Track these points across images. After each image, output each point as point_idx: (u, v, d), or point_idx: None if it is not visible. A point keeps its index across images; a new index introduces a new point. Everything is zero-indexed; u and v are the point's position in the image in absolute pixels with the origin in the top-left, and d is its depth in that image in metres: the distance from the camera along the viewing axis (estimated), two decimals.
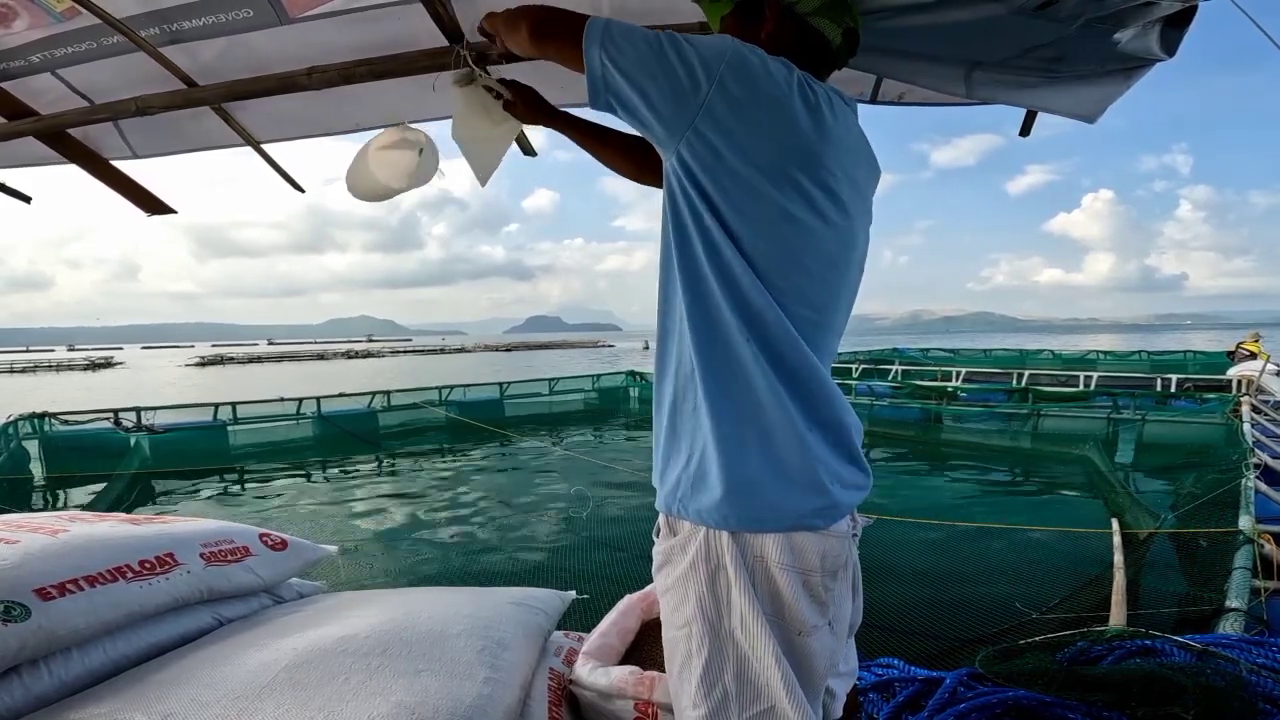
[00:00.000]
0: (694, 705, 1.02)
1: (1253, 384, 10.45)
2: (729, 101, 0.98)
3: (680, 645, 1.06)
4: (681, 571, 1.05)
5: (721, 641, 1.02)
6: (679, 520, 1.08)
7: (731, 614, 1.02)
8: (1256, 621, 2.44)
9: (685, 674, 1.04)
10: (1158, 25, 1.32)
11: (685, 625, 1.04)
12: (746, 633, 1.01)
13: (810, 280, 1.04)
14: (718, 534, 1.03)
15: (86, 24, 2.01)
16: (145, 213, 2.93)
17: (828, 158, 1.03)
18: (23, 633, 1.08)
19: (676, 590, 1.06)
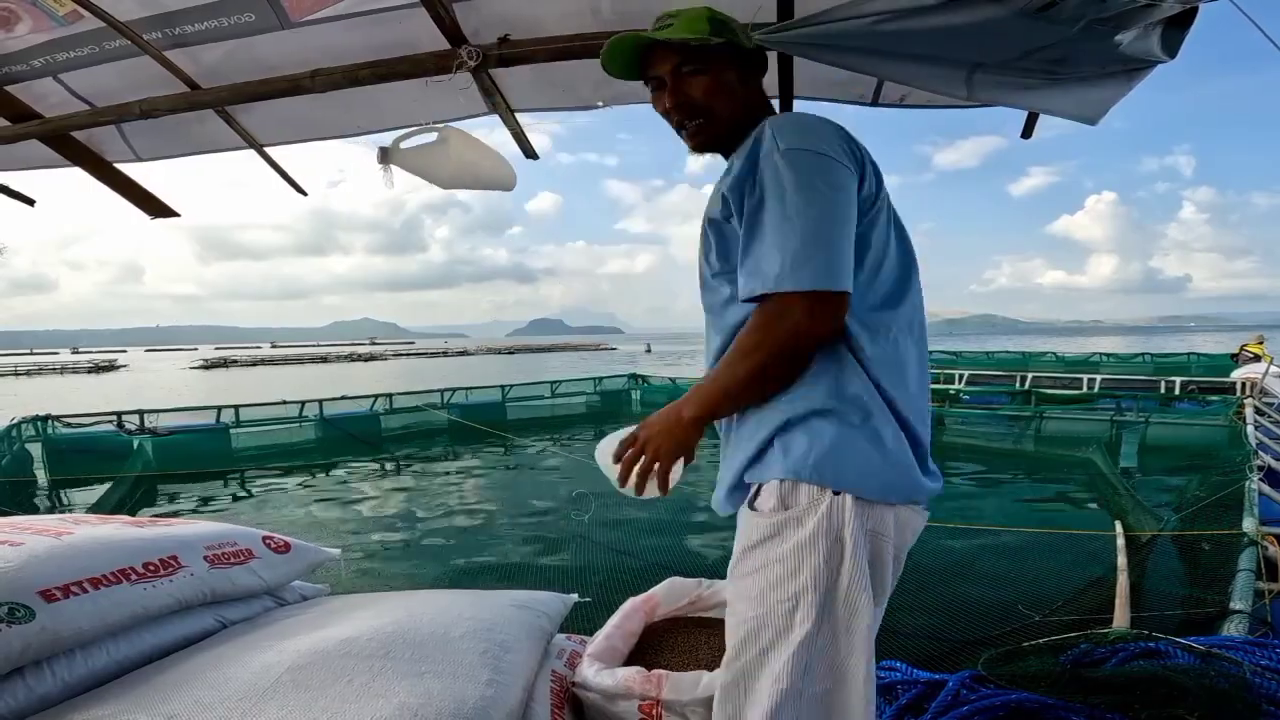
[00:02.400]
0: (777, 679, 1.04)
1: (1256, 386, 10.41)
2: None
3: (775, 619, 1.06)
4: (797, 542, 1.07)
5: (825, 614, 1.06)
6: (797, 489, 1.09)
7: (839, 586, 1.06)
8: (1260, 624, 2.43)
9: (778, 648, 1.06)
10: (1159, 27, 1.32)
11: (791, 598, 1.06)
12: (849, 607, 1.06)
13: None
14: (842, 502, 1.07)
15: (89, 28, 2.02)
16: (148, 215, 2.94)
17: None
18: (27, 634, 1.09)
19: (786, 562, 1.07)
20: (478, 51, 1.93)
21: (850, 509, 1.06)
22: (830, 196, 1.07)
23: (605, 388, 14.66)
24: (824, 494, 1.07)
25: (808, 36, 1.53)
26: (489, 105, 2.28)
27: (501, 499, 7.18)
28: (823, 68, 1.90)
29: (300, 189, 2.81)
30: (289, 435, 10.24)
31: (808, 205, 1.06)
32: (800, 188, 1.07)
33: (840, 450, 1.08)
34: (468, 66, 1.95)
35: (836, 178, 1.09)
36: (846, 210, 1.08)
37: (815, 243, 1.04)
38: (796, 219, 1.05)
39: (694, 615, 1.81)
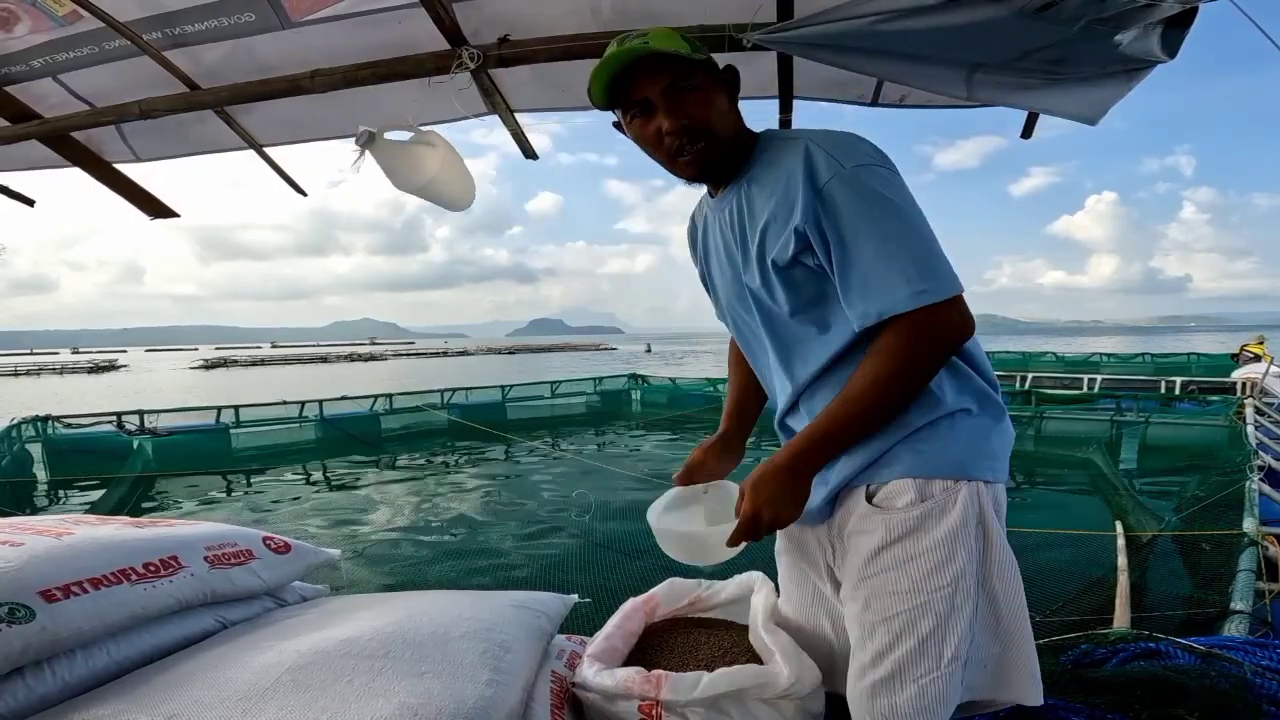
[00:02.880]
0: (951, 660, 1.09)
1: (1256, 386, 10.41)
2: None
3: (936, 606, 1.10)
4: (945, 531, 1.10)
5: (982, 590, 1.13)
6: (931, 483, 1.12)
7: (991, 562, 1.13)
8: (1261, 624, 2.43)
9: (941, 633, 1.09)
10: (1159, 27, 1.32)
11: (950, 583, 1.10)
12: (1003, 579, 1.14)
13: None
14: (977, 486, 1.13)
15: (89, 28, 2.02)
16: (148, 216, 2.94)
17: None
18: (27, 634, 1.08)
19: (938, 550, 1.10)
20: (478, 52, 1.93)
21: (983, 492, 1.13)
22: (913, 204, 1.09)
23: (605, 388, 14.66)
24: (958, 483, 1.12)
25: (807, 36, 1.53)
26: (489, 105, 2.28)
27: (501, 499, 7.18)
28: (822, 68, 1.90)
29: (300, 189, 2.81)
30: (289, 435, 10.25)
31: (905, 217, 1.06)
32: (888, 202, 1.06)
33: (969, 442, 1.14)
34: (467, 67, 1.95)
35: (905, 187, 1.11)
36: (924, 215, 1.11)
37: (929, 251, 1.05)
38: (901, 233, 1.05)
39: (694, 616, 1.81)
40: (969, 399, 1.16)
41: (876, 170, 1.09)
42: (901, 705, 1.10)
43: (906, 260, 1.03)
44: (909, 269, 1.03)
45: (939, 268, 1.04)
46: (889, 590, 1.13)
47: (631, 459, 9.33)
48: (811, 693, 1.37)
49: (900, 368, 1.06)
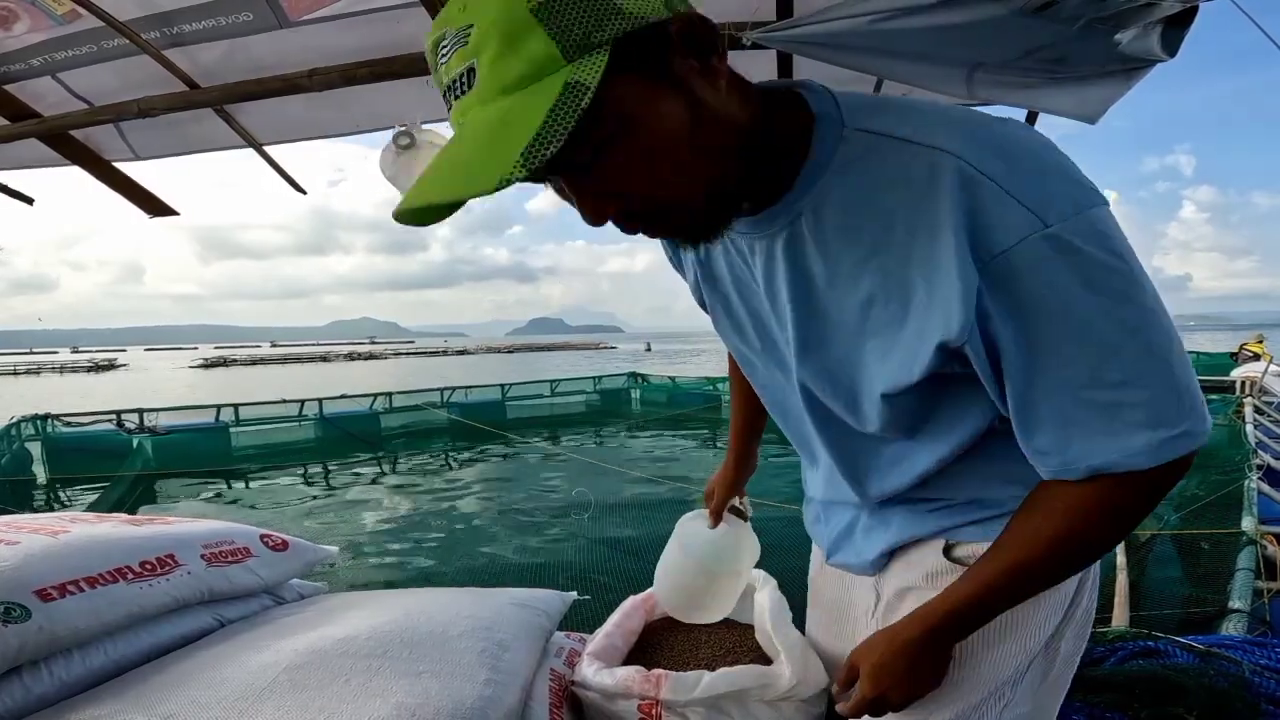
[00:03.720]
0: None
1: (1256, 385, 10.41)
2: None
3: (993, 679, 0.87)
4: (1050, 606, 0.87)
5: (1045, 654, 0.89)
6: None
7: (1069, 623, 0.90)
8: (1259, 623, 2.43)
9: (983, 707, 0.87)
10: (1159, 26, 1.32)
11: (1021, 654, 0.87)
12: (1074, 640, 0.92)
13: None
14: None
15: (88, 27, 2.02)
16: (147, 214, 2.94)
17: None
18: (23, 633, 1.08)
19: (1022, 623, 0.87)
20: None
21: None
22: (1154, 296, 0.65)
23: (605, 386, 14.66)
24: None
25: (807, 35, 1.53)
26: None
27: (501, 497, 7.18)
28: (822, 66, 1.89)
29: (299, 188, 2.81)
30: (288, 434, 10.25)
31: (1151, 313, 0.64)
32: (1121, 284, 0.63)
33: None
34: None
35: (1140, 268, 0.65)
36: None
37: (1189, 378, 0.66)
38: (1151, 344, 0.64)
39: None
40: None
41: (1101, 227, 0.63)
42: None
43: (1157, 390, 0.64)
44: (1157, 404, 0.64)
45: (1191, 412, 0.65)
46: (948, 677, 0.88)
47: (631, 457, 9.33)
48: (815, 695, 1.37)
49: (1104, 531, 0.74)
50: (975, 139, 0.64)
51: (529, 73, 0.55)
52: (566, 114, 0.54)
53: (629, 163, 0.61)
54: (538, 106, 0.54)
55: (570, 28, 0.55)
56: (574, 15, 0.55)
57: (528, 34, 0.55)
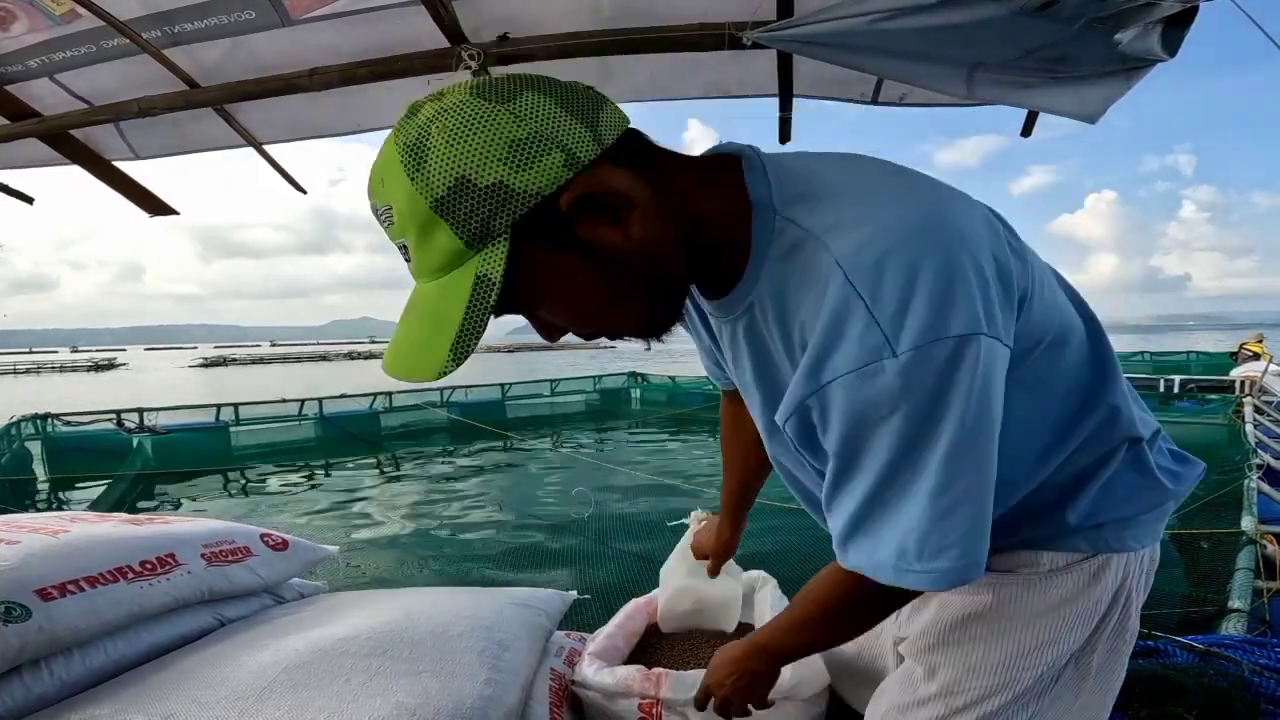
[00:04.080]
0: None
1: (1255, 385, 10.41)
2: None
3: (1014, 687, 0.89)
4: (1072, 606, 0.88)
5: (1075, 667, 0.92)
6: (1070, 552, 0.88)
7: (1099, 637, 0.91)
8: (1259, 622, 2.43)
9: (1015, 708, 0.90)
10: (1159, 25, 1.32)
11: (1044, 665, 0.89)
12: (1107, 655, 0.93)
13: None
14: (1126, 557, 0.88)
15: (87, 27, 2.02)
16: (147, 214, 2.93)
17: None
18: (24, 633, 1.08)
19: (1045, 629, 0.88)
20: (477, 50, 1.93)
21: (1131, 562, 0.89)
22: (980, 432, 0.65)
23: (605, 386, 14.65)
24: (1099, 556, 0.88)
25: (807, 35, 1.53)
26: None
27: (501, 497, 7.17)
28: (822, 66, 1.90)
29: (299, 187, 2.81)
30: (288, 433, 10.24)
31: (940, 461, 0.65)
32: (926, 427, 0.64)
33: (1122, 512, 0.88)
34: (467, 65, 1.94)
35: (994, 377, 0.65)
36: (995, 440, 0.68)
37: (947, 523, 0.67)
38: (920, 482, 0.66)
39: None
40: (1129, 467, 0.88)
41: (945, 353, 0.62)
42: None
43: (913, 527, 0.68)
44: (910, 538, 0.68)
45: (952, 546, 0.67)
46: (967, 663, 0.91)
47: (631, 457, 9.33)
48: (815, 694, 1.37)
49: (840, 617, 0.87)
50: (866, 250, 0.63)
51: (443, 264, 0.62)
52: (481, 309, 0.61)
53: (556, 312, 0.70)
54: (457, 301, 0.62)
55: (469, 220, 0.60)
56: (470, 208, 0.59)
57: (434, 227, 0.61)
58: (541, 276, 0.65)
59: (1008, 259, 0.69)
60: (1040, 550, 0.88)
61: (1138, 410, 0.90)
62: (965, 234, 0.65)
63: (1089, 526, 0.86)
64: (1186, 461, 0.99)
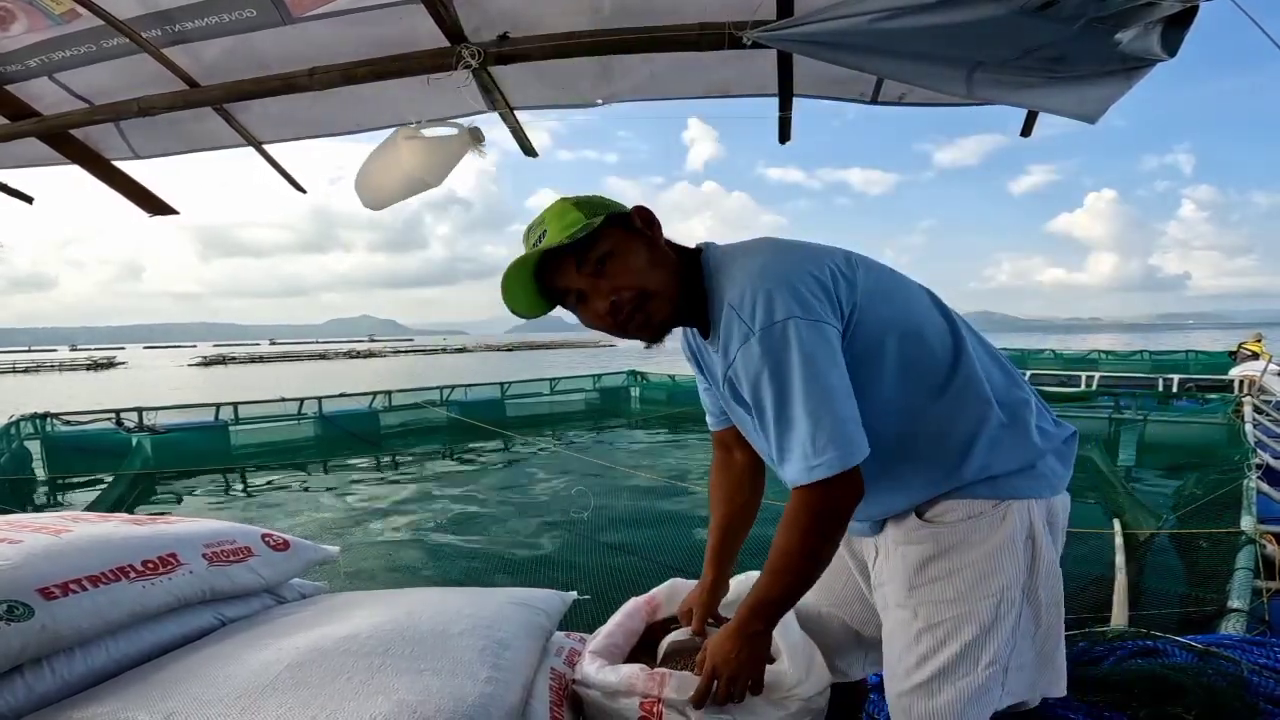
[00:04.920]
0: (989, 664, 1.14)
1: (1255, 384, 10.42)
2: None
3: (979, 615, 1.15)
4: (995, 543, 1.15)
5: (1028, 601, 1.18)
6: (980, 500, 1.17)
7: (1038, 575, 1.18)
8: (1258, 622, 2.43)
9: (984, 640, 1.15)
10: (1159, 25, 1.32)
11: (994, 594, 1.15)
12: (1050, 591, 1.20)
13: None
14: (1028, 504, 1.17)
15: (87, 26, 2.02)
16: (147, 213, 2.93)
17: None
18: (25, 632, 1.08)
19: (985, 562, 1.15)
20: (477, 49, 1.93)
21: (1034, 508, 1.17)
22: (820, 358, 1.05)
23: (604, 384, 14.65)
24: (1006, 502, 1.16)
25: (807, 34, 1.53)
26: (488, 103, 2.28)
27: (501, 496, 7.18)
28: (822, 66, 1.90)
29: (299, 186, 2.81)
30: (288, 433, 10.23)
31: (799, 390, 1.04)
32: (782, 371, 1.05)
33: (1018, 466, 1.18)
34: (467, 64, 1.94)
35: (818, 337, 1.06)
36: (836, 366, 1.06)
37: (819, 427, 1.03)
38: (794, 407, 1.05)
39: None
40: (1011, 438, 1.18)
41: (780, 329, 1.05)
42: (940, 707, 1.15)
43: (801, 437, 1.04)
44: (801, 446, 1.05)
45: (828, 449, 1.03)
46: (936, 599, 1.18)
47: (631, 456, 9.33)
48: (817, 693, 1.38)
49: (800, 542, 1.11)
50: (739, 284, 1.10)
51: (573, 221, 1.12)
52: (586, 227, 1.11)
53: (615, 270, 1.14)
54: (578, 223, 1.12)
55: (591, 211, 1.14)
56: (591, 208, 1.15)
57: (571, 212, 1.14)
58: (613, 242, 1.15)
59: (829, 280, 1.10)
60: (957, 499, 1.17)
61: (1012, 389, 1.22)
62: (785, 272, 1.09)
63: (985, 478, 1.16)
64: (1059, 425, 1.27)
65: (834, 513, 1.10)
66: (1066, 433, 1.27)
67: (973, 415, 1.17)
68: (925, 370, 1.17)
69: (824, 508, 1.09)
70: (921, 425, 1.18)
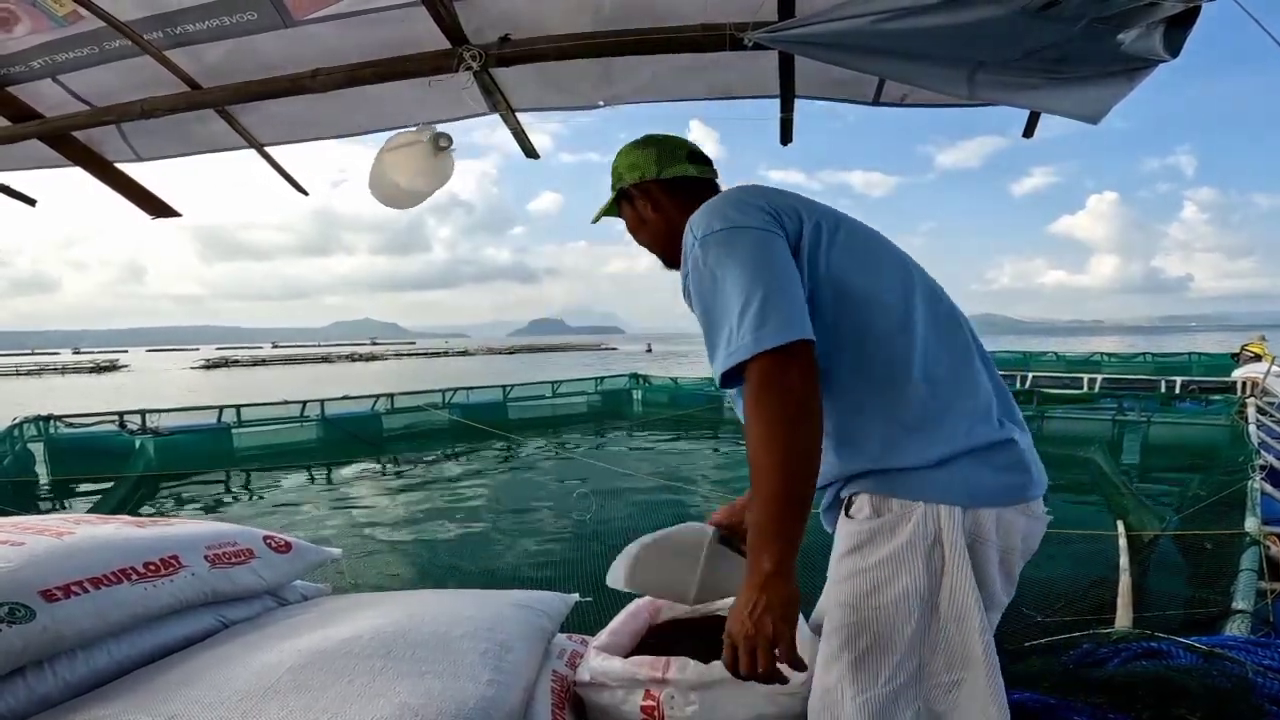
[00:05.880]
0: (888, 680, 1.06)
1: (1258, 386, 10.39)
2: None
3: (872, 626, 1.08)
4: (892, 549, 1.08)
5: (929, 614, 1.07)
6: (889, 499, 1.10)
7: (943, 588, 1.07)
8: (1262, 623, 2.42)
9: (877, 652, 1.07)
10: (1161, 26, 1.32)
11: (888, 605, 1.07)
12: (954, 605, 1.07)
13: None
14: (936, 510, 1.08)
15: (89, 28, 2.02)
16: (149, 215, 2.94)
17: None
18: (27, 634, 1.09)
19: (884, 567, 1.08)
20: (479, 51, 1.93)
21: (944, 515, 1.07)
22: (752, 255, 1.09)
23: (606, 387, 14.65)
24: (915, 504, 1.09)
25: (809, 35, 1.53)
26: (490, 105, 2.28)
27: (503, 498, 7.17)
28: (824, 67, 1.90)
29: (301, 189, 2.81)
30: (290, 435, 10.24)
31: (734, 276, 1.07)
32: (720, 263, 1.10)
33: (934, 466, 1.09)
34: (468, 66, 1.95)
35: (751, 239, 1.11)
36: (773, 262, 1.08)
37: (764, 303, 1.03)
38: (729, 291, 1.07)
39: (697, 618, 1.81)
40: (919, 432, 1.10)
41: (717, 236, 1.13)
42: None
43: (735, 313, 1.05)
44: (738, 322, 1.04)
45: (767, 319, 1.02)
46: (839, 600, 1.12)
47: (633, 459, 9.33)
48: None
49: (763, 436, 1.01)
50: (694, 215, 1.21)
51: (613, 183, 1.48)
52: (612, 203, 1.49)
53: (632, 228, 1.48)
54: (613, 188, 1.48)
55: (615, 180, 1.46)
56: (615, 175, 1.46)
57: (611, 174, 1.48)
58: (627, 211, 1.47)
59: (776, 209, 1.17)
60: (867, 495, 1.12)
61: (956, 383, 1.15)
62: (733, 195, 1.23)
63: (895, 469, 1.10)
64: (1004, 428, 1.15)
65: (785, 387, 1.00)
66: (1005, 436, 1.14)
67: (891, 397, 1.11)
68: (870, 345, 1.13)
69: (771, 379, 1.01)
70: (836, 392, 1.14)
